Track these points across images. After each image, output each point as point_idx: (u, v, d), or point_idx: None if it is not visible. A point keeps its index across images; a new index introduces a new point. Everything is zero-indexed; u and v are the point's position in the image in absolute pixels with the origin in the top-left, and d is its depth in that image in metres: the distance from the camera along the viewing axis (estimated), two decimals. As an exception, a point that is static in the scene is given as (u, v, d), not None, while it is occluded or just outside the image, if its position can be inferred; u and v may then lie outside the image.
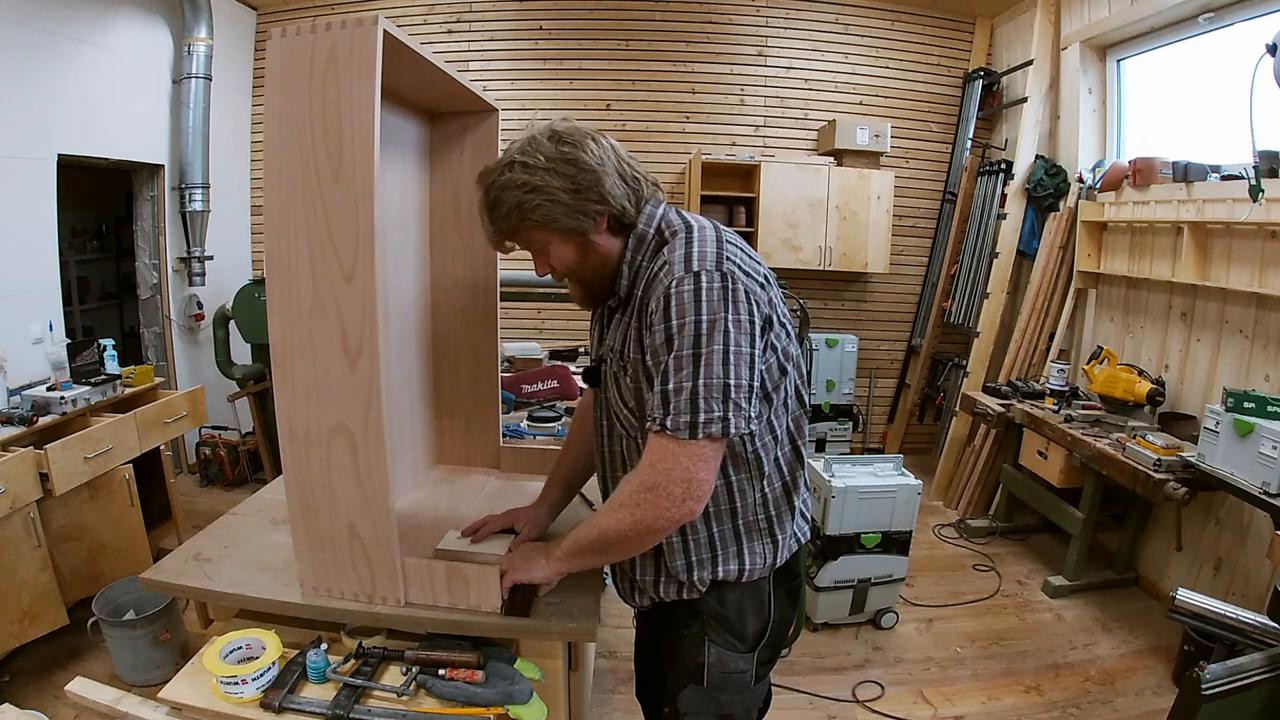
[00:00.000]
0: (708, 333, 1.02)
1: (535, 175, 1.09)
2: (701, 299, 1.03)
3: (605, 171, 1.11)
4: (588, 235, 1.14)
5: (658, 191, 1.21)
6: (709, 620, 1.24)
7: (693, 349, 1.02)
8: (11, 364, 2.78)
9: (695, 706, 1.27)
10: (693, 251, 1.08)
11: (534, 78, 4.71)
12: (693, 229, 1.13)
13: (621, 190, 1.13)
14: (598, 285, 1.21)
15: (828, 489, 2.67)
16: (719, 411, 1.01)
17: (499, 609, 1.26)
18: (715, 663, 1.24)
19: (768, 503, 1.22)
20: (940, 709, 2.41)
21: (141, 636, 2.32)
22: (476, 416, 1.92)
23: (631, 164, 1.17)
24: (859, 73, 4.78)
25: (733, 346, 1.03)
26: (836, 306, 4.99)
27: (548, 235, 1.14)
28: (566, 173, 1.09)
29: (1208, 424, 2.54)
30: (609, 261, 1.18)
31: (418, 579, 1.28)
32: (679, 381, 1.02)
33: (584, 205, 1.11)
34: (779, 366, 1.15)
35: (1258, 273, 2.79)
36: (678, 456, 1.03)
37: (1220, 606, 1.99)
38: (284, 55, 1.12)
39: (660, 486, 1.03)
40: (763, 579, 1.24)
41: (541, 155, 1.10)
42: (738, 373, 1.03)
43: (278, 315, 1.20)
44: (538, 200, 1.10)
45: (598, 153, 1.11)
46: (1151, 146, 3.49)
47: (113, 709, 1.21)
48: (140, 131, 3.93)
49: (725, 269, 1.05)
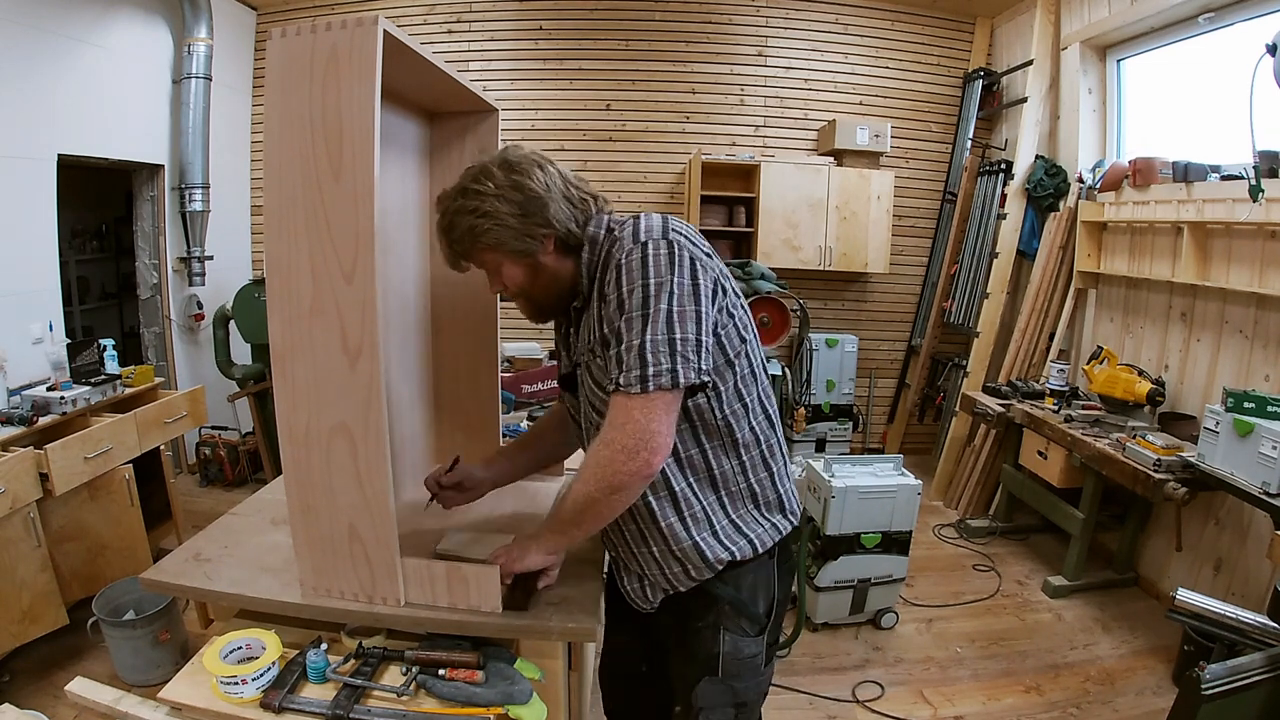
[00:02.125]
0: (655, 294, 1.08)
1: (485, 202, 1.16)
2: (649, 264, 1.10)
3: (551, 197, 1.18)
4: (536, 256, 1.21)
5: (605, 204, 1.28)
6: (725, 608, 1.27)
7: (640, 309, 1.08)
8: (11, 364, 2.78)
9: (712, 699, 1.30)
10: (640, 226, 1.15)
11: (534, 78, 4.71)
12: (640, 215, 1.19)
13: (567, 213, 1.20)
14: (546, 302, 1.28)
15: (828, 489, 2.67)
16: (666, 364, 1.06)
17: (499, 607, 1.26)
18: (730, 651, 1.27)
19: (746, 470, 1.25)
20: (940, 709, 2.42)
21: (141, 636, 2.32)
22: (476, 416, 1.92)
23: (578, 186, 1.24)
24: (859, 73, 4.78)
25: (676, 306, 1.08)
26: (836, 306, 4.99)
27: (499, 257, 1.21)
28: (514, 199, 1.16)
29: (1208, 424, 2.54)
30: (558, 280, 1.24)
31: (418, 579, 1.28)
32: (629, 340, 1.08)
33: (531, 229, 1.18)
34: (738, 334, 1.20)
35: (1258, 273, 2.79)
36: (630, 411, 1.07)
37: (1220, 606, 1.99)
38: (284, 55, 1.12)
39: (616, 441, 1.08)
40: (768, 555, 1.28)
41: (491, 183, 1.17)
42: (683, 328, 1.08)
43: (278, 315, 1.20)
44: (488, 225, 1.17)
45: (543, 179, 1.18)
46: (1151, 146, 3.49)
47: (113, 709, 1.21)
48: (140, 131, 3.94)
49: (671, 238, 1.12)
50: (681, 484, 1.23)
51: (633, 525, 1.28)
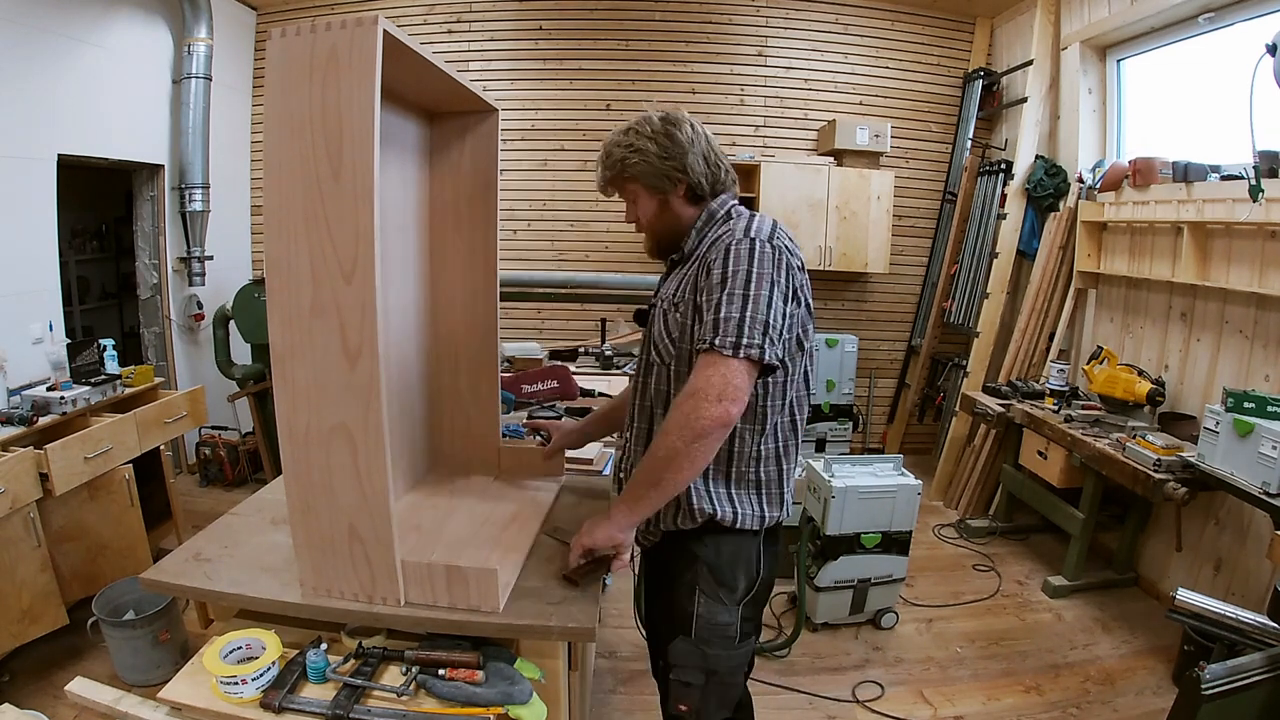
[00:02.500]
0: (756, 280, 1.23)
1: (640, 140, 1.38)
2: (755, 256, 1.25)
3: (693, 150, 1.37)
4: (668, 196, 1.40)
5: (735, 185, 1.46)
6: (702, 570, 1.37)
7: (743, 289, 1.22)
8: (11, 364, 2.77)
9: (684, 659, 1.39)
10: (752, 225, 1.31)
11: (534, 78, 4.71)
12: (755, 214, 1.38)
13: (702, 168, 1.38)
14: (665, 241, 1.46)
15: (828, 489, 2.67)
16: (759, 340, 1.20)
17: (499, 607, 1.28)
18: (705, 614, 1.37)
19: (761, 460, 1.37)
20: (940, 709, 2.41)
21: (141, 636, 2.32)
22: (476, 417, 1.92)
23: (717, 154, 1.42)
24: (859, 73, 4.78)
25: (775, 297, 1.24)
26: (836, 306, 4.99)
27: (638, 188, 1.41)
28: (661, 143, 1.37)
29: (1208, 424, 2.54)
30: (679, 224, 1.43)
31: (417, 579, 1.28)
32: (729, 311, 1.21)
33: (669, 170, 1.37)
34: (798, 341, 1.33)
35: (1258, 273, 2.79)
36: (718, 366, 1.20)
37: (1220, 606, 1.99)
38: (284, 55, 1.12)
39: (700, 390, 1.19)
40: (753, 533, 1.38)
41: (649, 127, 1.38)
42: (774, 317, 1.23)
43: (278, 315, 1.20)
44: (636, 159, 1.38)
45: (690, 134, 1.38)
46: (1151, 146, 3.49)
47: (113, 709, 1.21)
48: (140, 131, 3.93)
49: (776, 243, 1.28)
50: None
51: (648, 430, 1.43)
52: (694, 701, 1.40)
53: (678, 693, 1.41)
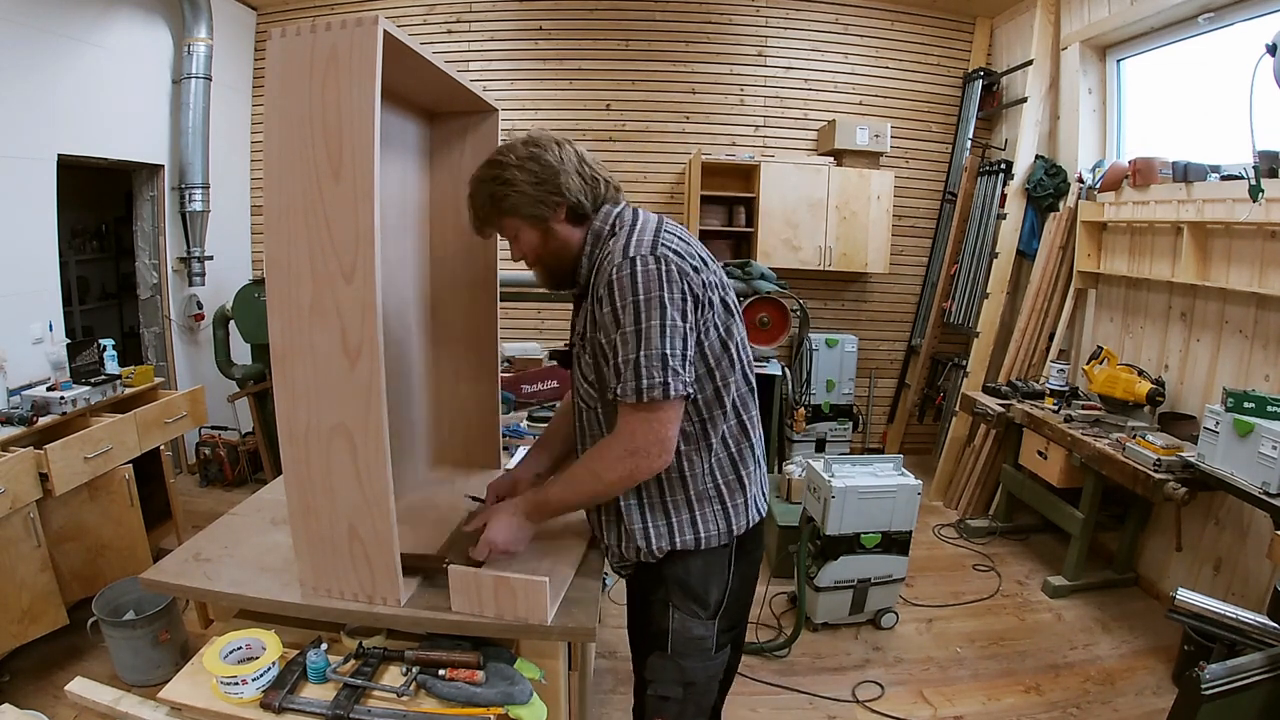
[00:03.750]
0: (645, 310, 1.17)
1: (506, 171, 1.29)
2: (638, 281, 1.18)
3: (565, 170, 1.29)
4: (548, 222, 1.31)
5: (618, 194, 1.38)
6: (673, 586, 1.35)
7: (634, 325, 1.18)
8: (11, 364, 2.77)
9: (660, 674, 1.38)
10: (630, 240, 1.24)
11: (534, 78, 4.71)
12: (636, 222, 1.29)
13: (578, 186, 1.30)
14: (557, 270, 1.37)
15: (828, 489, 2.67)
16: (659, 378, 1.17)
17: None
18: (679, 629, 1.35)
19: (714, 473, 1.33)
20: (940, 709, 2.41)
21: (141, 636, 2.32)
22: (476, 416, 1.92)
23: (592, 167, 1.34)
24: (859, 73, 4.78)
25: (668, 321, 1.18)
26: (836, 306, 4.99)
27: (516, 222, 1.32)
28: (531, 169, 1.28)
29: (1208, 424, 2.54)
30: (567, 248, 1.34)
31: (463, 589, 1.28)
32: (626, 354, 1.18)
33: (545, 196, 1.29)
34: (720, 342, 1.28)
35: (1258, 273, 2.79)
36: (632, 421, 1.20)
37: (1220, 606, 1.99)
38: (284, 55, 1.12)
39: (640, 450, 1.20)
40: (722, 547, 1.35)
41: (513, 155, 1.30)
42: (672, 344, 1.18)
43: (278, 315, 1.20)
44: (506, 191, 1.29)
45: (559, 154, 1.30)
46: (1151, 146, 3.49)
47: (113, 709, 1.21)
48: (140, 131, 3.93)
49: (659, 253, 1.20)
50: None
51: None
52: (671, 715, 1.38)
53: (655, 707, 1.39)
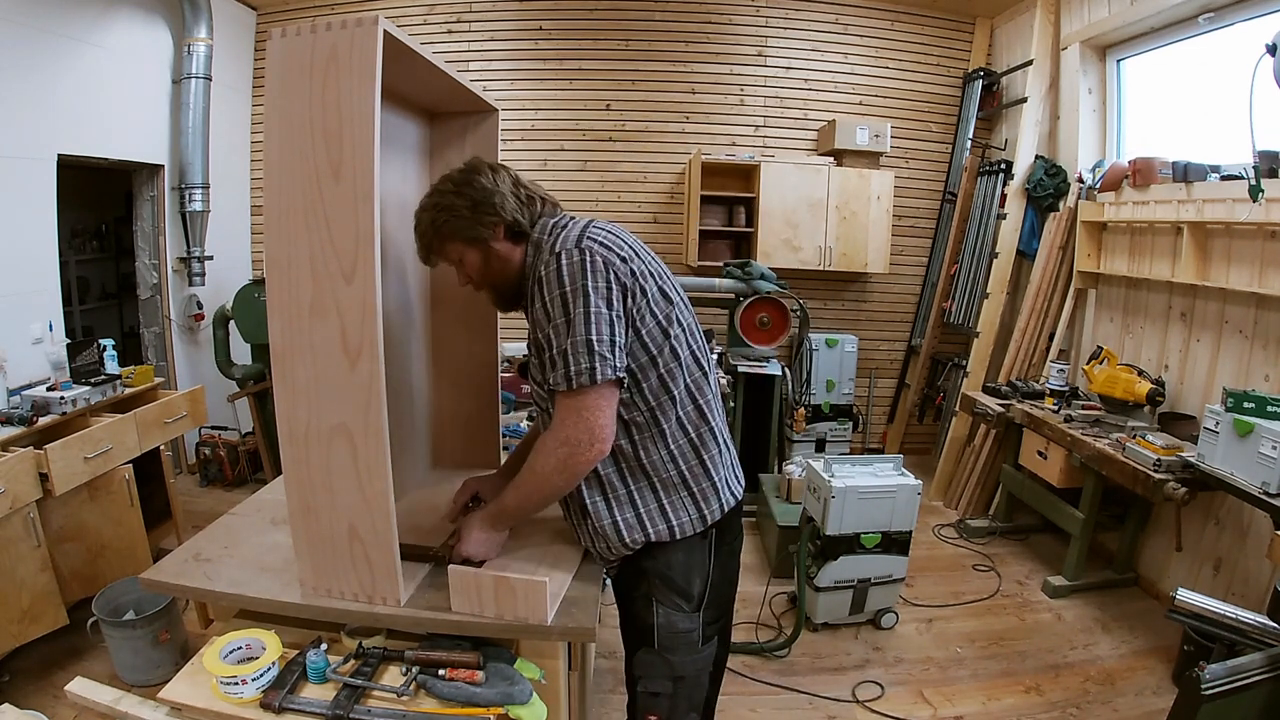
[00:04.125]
0: (571, 300, 1.21)
1: (444, 198, 1.35)
2: (563, 273, 1.22)
3: (499, 191, 1.34)
4: (488, 243, 1.36)
5: (555, 208, 1.43)
6: (655, 581, 1.37)
7: (562, 316, 1.22)
8: (11, 364, 2.78)
9: (649, 669, 1.40)
10: (557, 239, 1.28)
11: (534, 78, 4.71)
12: (567, 225, 1.34)
13: (513, 205, 1.35)
14: (504, 288, 1.42)
15: (828, 489, 2.67)
16: (585, 364, 1.19)
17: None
18: (664, 624, 1.37)
19: (676, 460, 1.35)
20: (940, 709, 2.41)
21: (141, 636, 2.32)
22: (476, 416, 1.92)
23: (527, 187, 1.40)
24: (859, 73, 4.78)
25: (592, 309, 1.21)
26: (836, 306, 4.99)
27: (460, 247, 1.37)
28: (467, 194, 1.34)
29: (1207, 424, 2.54)
30: (510, 265, 1.39)
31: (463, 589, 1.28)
32: (558, 345, 1.22)
33: (481, 217, 1.33)
34: (661, 330, 1.30)
35: (1258, 273, 2.79)
36: (566, 409, 1.23)
37: (1220, 606, 1.99)
38: (284, 55, 1.12)
39: (570, 439, 1.23)
40: (699, 536, 1.37)
41: (450, 183, 1.36)
42: (598, 330, 1.21)
43: (278, 315, 1.20)
44: (445, 217, 1.35)
45: (493, 178, 1.35)
46: (1151, 146, 3.49)
47: (112, 709, 1.21)
48: (140, 131, 3.93)
49: (583, 245, 1.24)
50: (609, 469, 1.35)
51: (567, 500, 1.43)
52: (663, 711, 1.40)
53: (646, 704, 1.42)
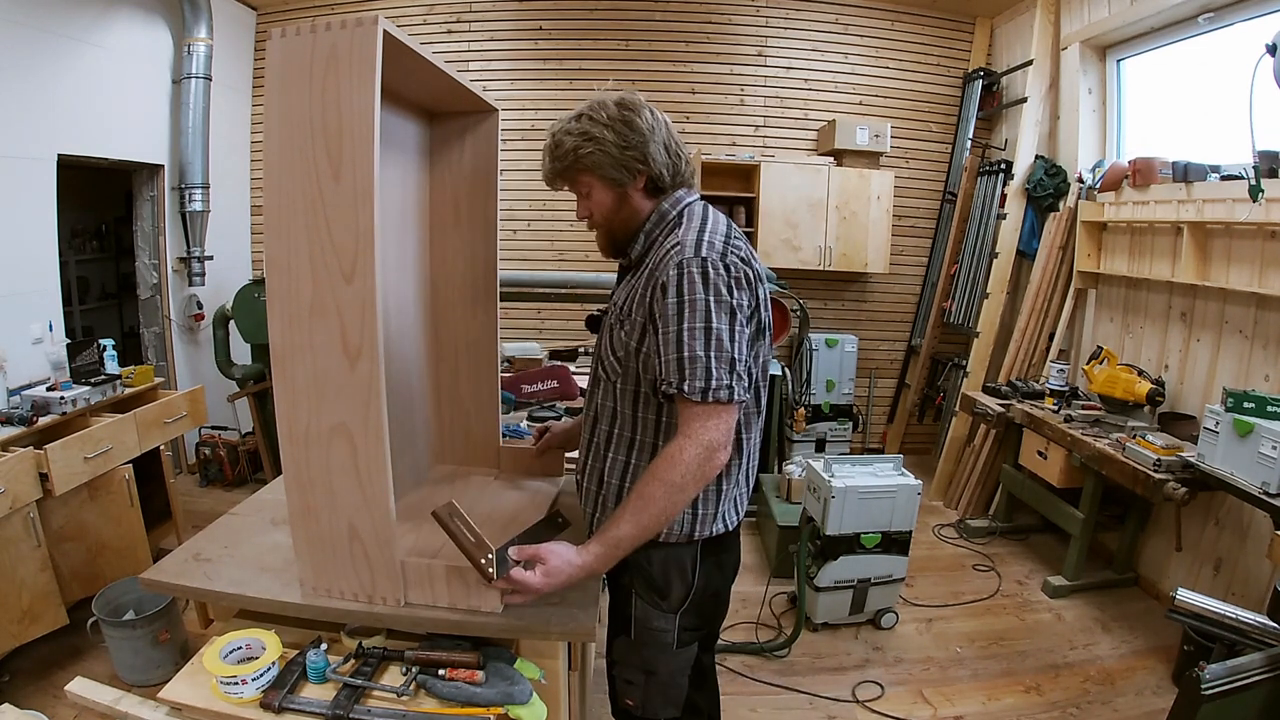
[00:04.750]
0: (716, 310, 1.16)
1: (595, 127, 1.25)
2: (710, 281, 1.17)
3: (653, 138, 1.27)
4: (626, 188, 1.29)
5: (693, 179, 1.37)
6: (635, 575, 1.35)
7: (704, 322, 1.16)
8: (11, 364, 2.78)
9: (623, 656, 1.41)
10: (703, 239, 1.21)
11: (534, 78, 4.71)
12: (708, 220, 1.28)
13: (663, 159, 1.28)
14: (621, 237, 1.35)
15: (828, 489, 2.67)
16: (726, 381, 1.16)
17: (499, 607, 1.27)
18: (640, 617, 1.36)
19: None
20: (940, 709, 2.41)
21: (141, 636, 2.32)
22: (476, 416, 1.92)
23: (678, 142, 1.32)
24: (859, 73, 4.78)
25: (736, 327, 1.18)
26: (836, 306, 4.99)
27: (593, 180, 1.29)
28: (620, 130, 1.25)
29: (1207, 424, 2.54)
30: (637, 218, 1.33)
31: (418, 579, 1.28)
32: (694, 349, 1.15)
33: (629, 161, 1.26)
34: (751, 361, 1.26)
35: (1257, 273, 2.79)
36: (713, 417, 1.16)
37: (1220, 606, 1.99)
38: (284, 55, 1.12)
39: (715, 445, 1.17)
40: (685, 544, 1.34)
41: (604, 113, 1.26)
42: (739, 349, 1.18)
43: (278, 315, 1.20)
44: (590, 148, 1.25)
45: (650, 121, 1.27)
46: (1151, 146, 3.48)
47: (112, 709, 1.21)
48: (140, 131, 3.93)
49: (729, 261, 1.20)
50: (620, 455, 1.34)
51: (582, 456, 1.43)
52: (638, 697, 1.42)
53: (621, 689, 1.45)
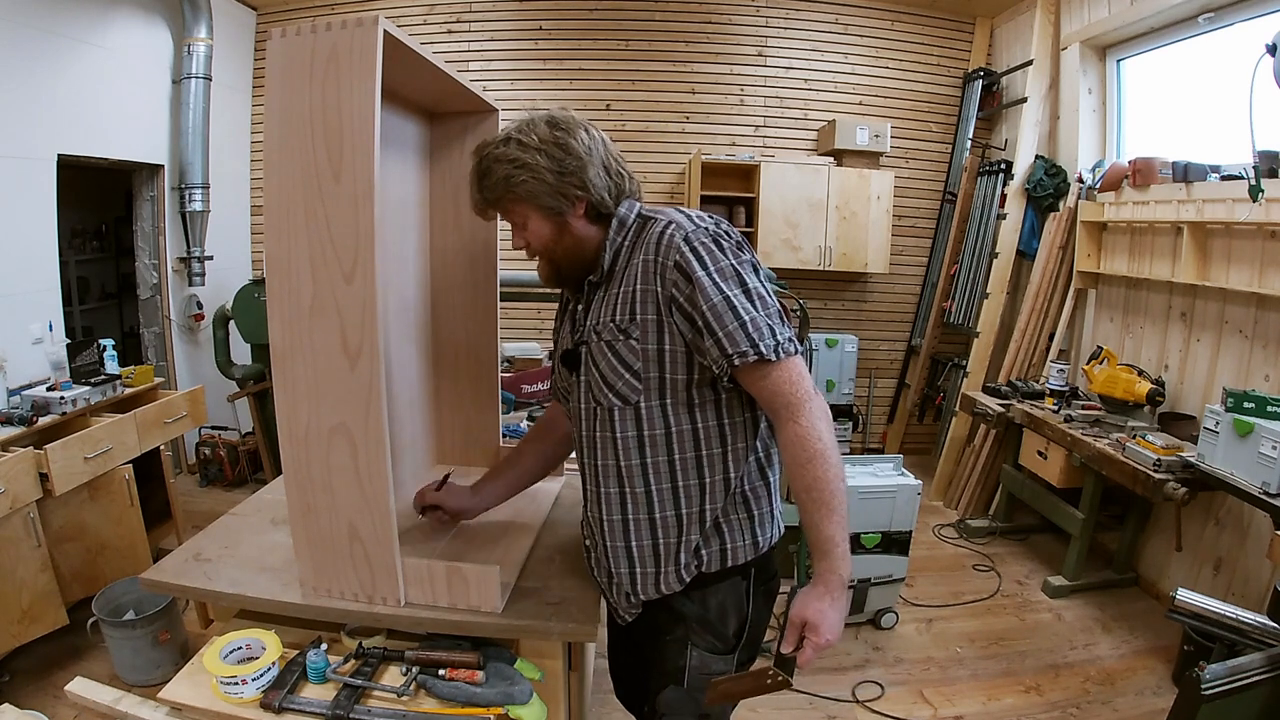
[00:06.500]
0: (744, 271, 1.11)
1: (526, 153, 1.15)
2: (724, 246, 1.12)
3: (591, 161, 1.18)
4: (565, 217, 1.20)
5: (638, 189, 1.28)
6: (692, 625, 1.25)
7: (740, 286, 1.10)
8: (11, 364, 2.78)
9: (675, 706, 1.28)
10: (692, 214, 1.17)
11: (534, 78, 4.71)
12: (679, 208, 1.21)
13: (603, 181, 1.19)
14: (566, 267, 1.25)
15: (828, 489, 2.66)
16: (786, 333, 1.11)
17: (498, 607, 1.26)
18: (697, 665, 1.25)
19: (748, 475, 1.24)
20: (940, 709, 2.41)
21: (141, 636, 2.32)
22: (476, 416, 1.92)
23: (618, 160, 1.23)
24: (859, 73, 4.78)
25: (763, 284, 1.13)
26: (836, 306, 4.99)
27: (528, 210, 1.20)
28: (555, 155, 1.16)
29: (1207, 424, 2.54)
30: (581, 246, 1.23)
31: (418, 579, 1.28)
32: (749, 313, 1.08)
33: (566, 188, 1.17)
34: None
35: (1257, 273, 2.79)
36: (789, 375, 1.10)
37: (1220, 606, 1.99)
38: (284, 55, 1.12)
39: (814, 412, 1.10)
40: (742, 571, 1.24)
41: (535, 136, 1.16)
42: (775, 301, 1.13)
43: (278, 315, 1.20)
44: (523, 176, 1.16)
45: (587, 142, 1.18)
46: (1151, 146, 3.49)
47: (112, 709, 1.21)
48: (140, 131, 3.93)
49: (725, 228, 1.16)
50: (691, 480, 1.19)
51: (619, 515, 1.23)
52: None
53: None
